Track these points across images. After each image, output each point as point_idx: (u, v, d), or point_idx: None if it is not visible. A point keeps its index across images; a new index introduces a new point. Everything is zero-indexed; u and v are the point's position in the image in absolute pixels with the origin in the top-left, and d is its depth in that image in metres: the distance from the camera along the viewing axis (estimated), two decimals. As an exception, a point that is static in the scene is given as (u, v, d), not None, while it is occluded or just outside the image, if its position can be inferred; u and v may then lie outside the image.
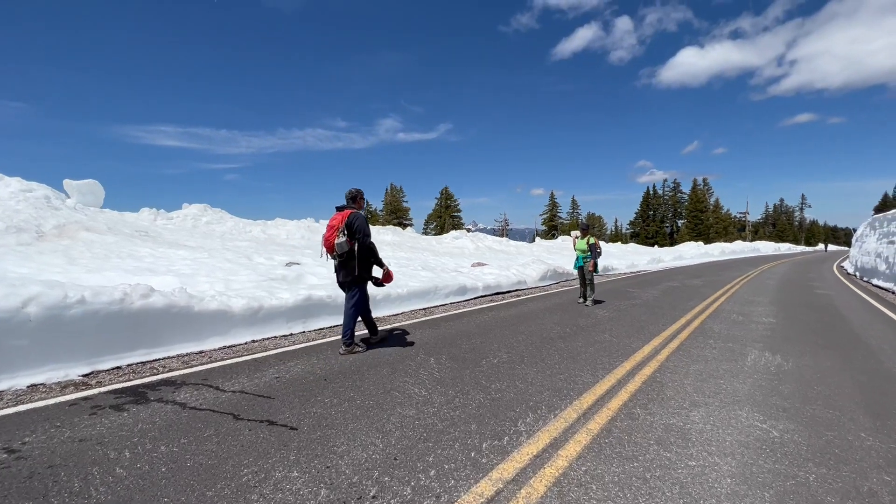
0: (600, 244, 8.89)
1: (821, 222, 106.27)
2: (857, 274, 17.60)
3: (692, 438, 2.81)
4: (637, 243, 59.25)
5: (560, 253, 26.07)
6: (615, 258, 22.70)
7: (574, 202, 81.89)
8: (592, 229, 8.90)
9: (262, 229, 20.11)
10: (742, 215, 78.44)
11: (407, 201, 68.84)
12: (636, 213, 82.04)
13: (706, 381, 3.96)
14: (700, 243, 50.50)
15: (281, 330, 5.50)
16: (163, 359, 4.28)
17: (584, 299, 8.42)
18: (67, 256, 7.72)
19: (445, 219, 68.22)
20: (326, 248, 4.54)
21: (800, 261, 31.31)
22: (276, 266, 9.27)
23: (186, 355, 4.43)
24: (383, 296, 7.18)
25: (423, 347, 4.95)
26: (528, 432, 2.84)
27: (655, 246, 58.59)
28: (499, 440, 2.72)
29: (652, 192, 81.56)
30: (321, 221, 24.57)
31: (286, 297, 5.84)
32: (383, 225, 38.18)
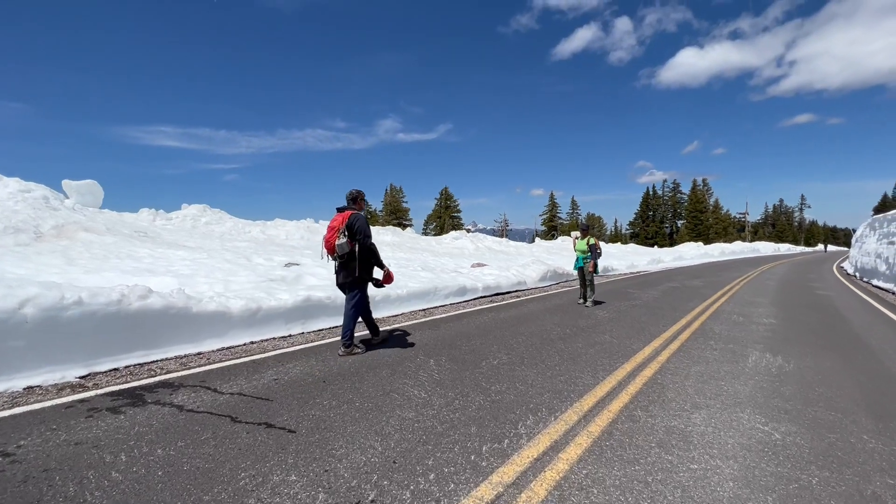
0: (600, 245, 8.87)
1: (820, 223, 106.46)
2: (857, 274, 17.60)
3: (694, 441, 2.79)
4: (637, 244, 59.27)
5: (560, 253, 26.06)
6: (615, 259, 22.70)
7: (574, 202, 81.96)
8: (592, 230, 8.88)
9: (262, 230, 20.08)
10: (741, 216, 78.52)
11: (406, 202, 68.90)
12: (636, 213, 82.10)
13: (707, 382, 3.94)
14: (700, 244, 50.51)
15: (280, 331, 5.47)
16: (160, 360, 4.25)
17: (584, 300, 8.40)
18: (66, 257, 7.69)
19: (445, 219, 68.21)
20: (327, 249, 4.55)
21: (799, 261, 31.31)
22: (276, 267, 9.25)
23: (184, 357, 4.41)
24: (382, 297, 7.16)
25: (422, 349, 4.92)
26: (528, 435, 2.81)
27: (655, 246, 58.59)
28: (499, 443, 2.70)
29: (651, 193, 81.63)
30: (321, 222, 24.55)
31: (285, 298, 5.81)
32: (383, 225, 38.17)
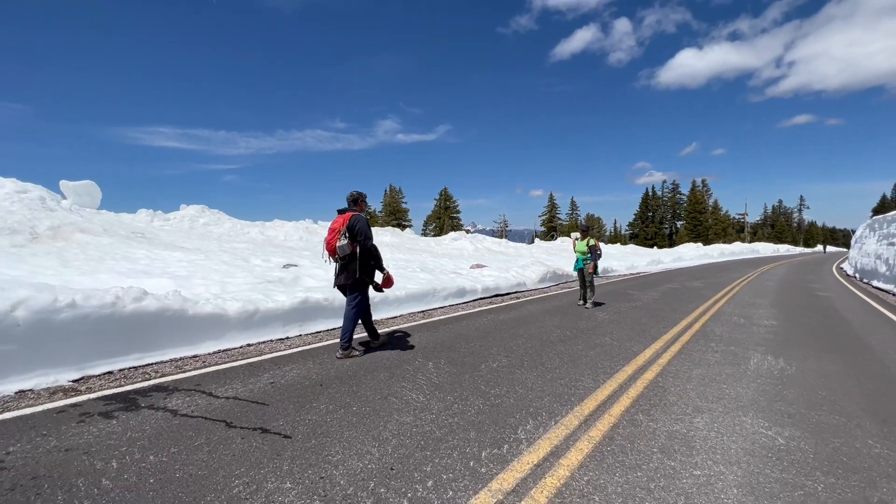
0: (600, 246, 8.83)
1: (819, 223, 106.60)
2: (857, 275, 17.58)
3: (696, 446, 2.74)
4: (636, 244, 59.29)
5: (559, 254, 26.03)
6: (614, 259, 22.68)
7: (573, 203, 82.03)
8: (592, 231, 8.84)
9: (260, 230, 20.02)
10: (741, 216, 78.59)
11: (406, 202, 68.91)
12: (635, 214, 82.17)
13: (709, 385, 3.89)
14: (699, 244, 50.56)
15: (277, 333, 5.42)
16: (156, 363, 4.20)
17: (584, 301, 8.36)
18: (61, 258, 7.63)
19: (444, 220, 68.18)
20: (328, 251, 4.55)
21: (799, 262, 31.32)
22: (274, 268, 9.19)
23: (180, 360, 4.35)
24: (381, 298, 7.10)
25: (421, 351, 4.87)
26: (528, 440, 2.76)
27: (654, 247, 58.61)
28: (498, 448, 2.65)
29: (651, 194, 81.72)
30: (319, 223, 24.50)
31: (283, 299, 5.76)
32: (382, 226, 38.11)
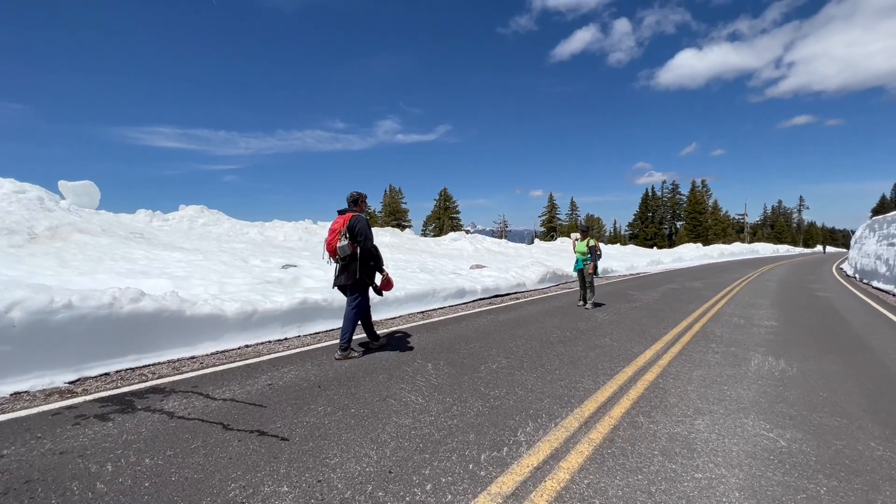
0: (600, 246, 8.80)
1: (819, 224, 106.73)
2: (857, 276, 17.56)
3: (698, 448, 2.72)
4: (636, 245, 59.30)
5: (559, 255, 26.02)
6: (614, 260, 22.65)
7: (573, 204, 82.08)
8: (592, 231, 8.82)
9: (260, 231, 19.99)
10: (740, 217, 78.60)
11: (406, 203, 68.91)
12: (635, 214, 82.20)
13: (710, 387, 3.87)
14: (699, 245, 50.56)
15: (275, 334, 5.39)
16: (153, 365, 4.17)
17: (584, 302, 8.33)
18: (59, 259, 7.60)
19: (444, 220, 68.16)
20: (329, 251, 4.54)
21: (799, 262, 31.32)
22: (273, 268, 9.16)
23: (177, 361, 4.32)
24: (380, 299, 7.08)
25: (420, 352, 4.85)
26: (528, 442, 2.74)
27: (654, 247, 58.65)
28: (498, 451, 2.62)
29: (651, 194, 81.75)
30: (319, 223, 24.47)
31: (281, 300, 5.73)
32: (382, 226, 38.10)
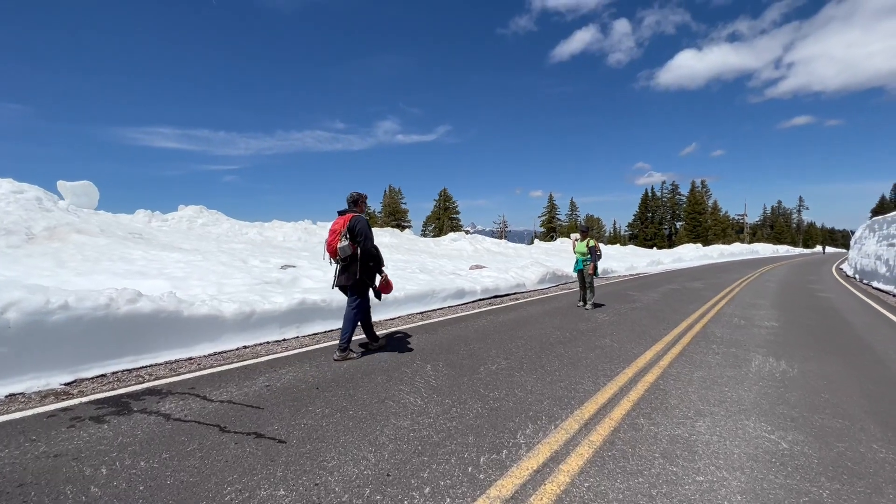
0: (600, 247, 8.78)
1: (818, 224, 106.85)
2: (857, 276, 17.55)
3: (698, 451, 2.70)
4: (636, 245, 59.30)
5: (559, 255, 26.00)
6: (614, 260, 22.63)
7: (573, 204, 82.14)
8: (591, 231, 8.79)
9: (259, 231, 19.96)
10: (740, 217, 78.62)
11: (405, 203, 68.87)
12: (635, 214, 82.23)
13: (710, 388, 3.85)
14: (699, 245, 50.56)
15: (274, 335, 5.36)
16: (150, 366, 4.14)
17: (584, 303, 8.31)
18: (57, 259, 7.57)
19: (444, 220, 68.15)
20: (329, 252, 4.53)
21: (798, 263, 31.32)
22: (272, 269, 9.14)
23: (175, 362, 4.29)
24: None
25: (419, 353, 4.82)
26: (527, 445, 2.72)
27: (654, 248, 58.67)
28: (497, 454, 2.60)
29: (650, 194, 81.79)
30: (319, 223, 24.44)
31: (280, 301, 5.71)
32: (381, 227, 38.08)
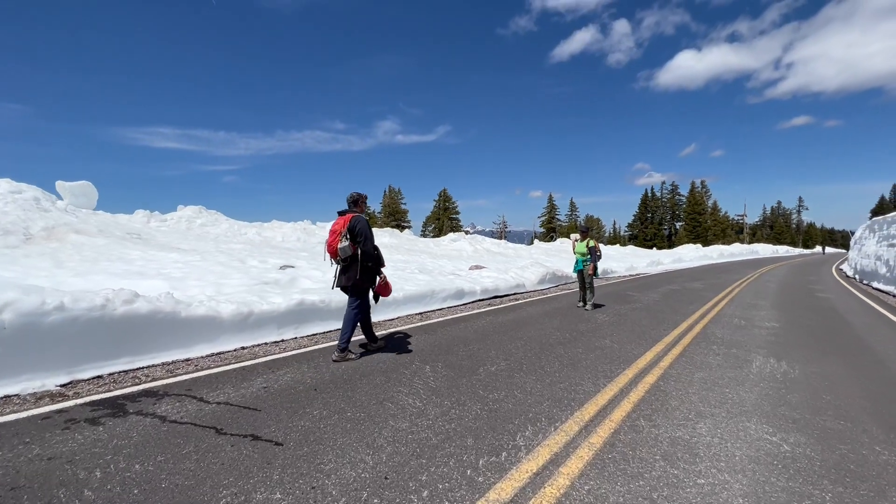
0: (600, 247, 8.76)
1: (818, 225, 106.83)
2: (857, 277, 17.53)
3: (700, 453, 2.67)
4: (635, 245, 59.26)
5: (559, 255, 25.97)
6: (614, 261, 22.60)
7: (572, 204, 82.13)
8: (591, 232, 8.77)
9: (258, 231, 19.93)
10: (740, 217, 78.65)
11: (405, 203, 68.84)
12: (634, 215, 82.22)
13: (711, 389, 3.82)
14: (698, 245, 50.55)
15: (272, 336, 5.33)
16: (147, 367, 4.11)
17: (584, 303, 8.28)
18: (55, 259, 7.54)
19: (444, 221, 68.12)
20: (330, 253, 4.51)
21: (798, 263, 31.31)
22: (270, 269, 9.11)
23: (172, 363, 4.26)
24: (380, 299, 7.02)
25: (418, 354, 4.80)
26: (527, 447, 2.69)
27: (654, 248, 58.66)
28: (496, 456, 2.57)
29: (650, 195, 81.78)
30: (318, 224, 24.41)
31: (278, 301, 5.67)
32: (381, 227, 38.03)
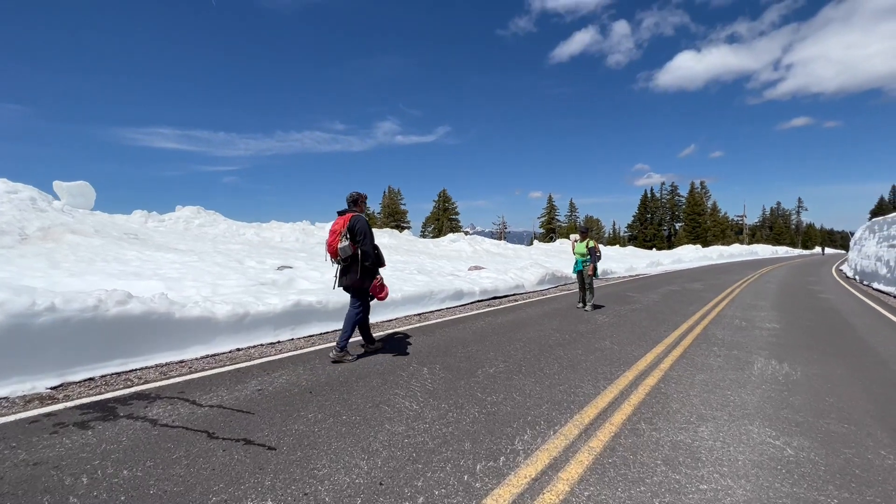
0: (599, 248, 8.70)
1: (817, 225, 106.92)
2: (857, 277, 17.49)
3: (702, 458, 2.61)
4: (635, 246, 59.22)
5: (558, 256, 25.92)
6: (614, 261, 22.54)
7: (572, 205, 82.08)
8: (591, 232, 8.72)
9: (256, 232, 19.85)
10: (739, 218, 78.61)
11: (405, 204, 68.76)
12: (634, 216, 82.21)
13: (712, 392, 3.76)
14: (698, 246, 50.48)
15: (268, 337, 5.27)
16: (140, 369, 4.05)
17: (584, 304, 8.23)
18: (50, 260, 7.47)
19: (443, 221, 68.06)
20: (330, 253, 4.48)
21: (798, 264, 31.28)
22: (268, 270, 9.04)
23: (165, 365, 4.20)
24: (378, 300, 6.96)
25: (416, 356, 4.74)
26: (525, 451, 2.63)
27: (653, 249, 58.63)
28: (494, 461, 2.51)
29: (650, 195, 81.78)
30: (317, 224, 24.34)
31: (275, 302, 5.61)
32: (380, 228, 37.96)
